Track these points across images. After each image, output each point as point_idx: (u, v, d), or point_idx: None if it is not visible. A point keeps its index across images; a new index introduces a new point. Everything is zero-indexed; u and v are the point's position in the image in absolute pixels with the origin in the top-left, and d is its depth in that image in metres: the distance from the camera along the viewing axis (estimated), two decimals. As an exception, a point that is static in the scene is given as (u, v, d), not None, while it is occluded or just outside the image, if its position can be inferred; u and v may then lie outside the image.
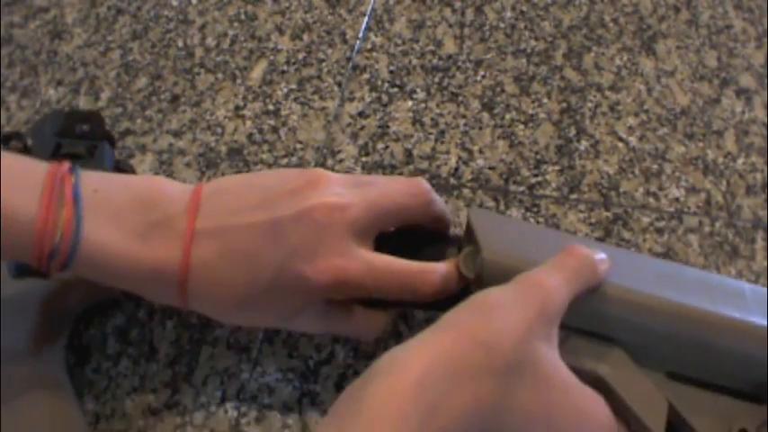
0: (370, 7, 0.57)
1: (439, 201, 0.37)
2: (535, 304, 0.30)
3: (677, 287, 0.35)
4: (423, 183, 0.36)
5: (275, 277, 0.34)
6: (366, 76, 0.53)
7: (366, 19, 0.56)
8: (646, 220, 0.45)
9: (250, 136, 0.51)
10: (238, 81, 0.54)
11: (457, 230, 0.37)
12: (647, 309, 0.34)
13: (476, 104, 0.51)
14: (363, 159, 0.49)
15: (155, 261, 0.34)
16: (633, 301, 0.34)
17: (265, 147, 0.50)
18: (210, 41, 0.57)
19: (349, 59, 0.54)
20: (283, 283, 0.34)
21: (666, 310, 0.34)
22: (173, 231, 0.34)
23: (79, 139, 0.41)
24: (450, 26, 0.55)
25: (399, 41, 0.54)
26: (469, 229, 0.36)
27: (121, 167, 0.44)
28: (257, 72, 0.54)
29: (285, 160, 0.50)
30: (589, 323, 0.34)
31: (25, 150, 0.43)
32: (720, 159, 0.48)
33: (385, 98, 0.52)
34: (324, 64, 0.54)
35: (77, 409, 0.40)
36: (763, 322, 0.34)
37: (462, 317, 0.29)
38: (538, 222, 0.45)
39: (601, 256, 0.33)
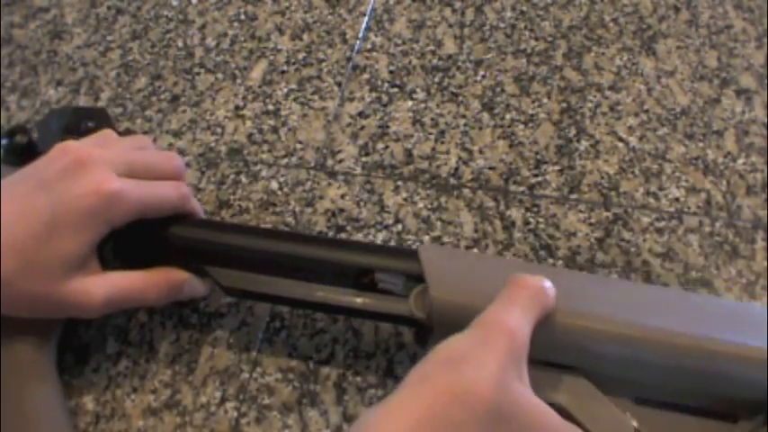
0: (370, 7, 0.57)
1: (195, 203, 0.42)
2: (502, 345, 0.29)
3: (635, 308, 0.34)
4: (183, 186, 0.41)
5: (50, 214, 0.35)
6: (366, 76, 0.53)
7: (366, 19, 0.56)
8: (646, 220, 0.45)
9: (250, 136, 0.51)
10: (238, 81, 0.54)
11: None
12: (603, 335, 0.33)
13: (476, 104, 0.51)
14: (363, 159, 0.49)
15: None
16: (588, 327, 0.33)
17: (265, 147, 0.50)
18: (210, 41, 0.57)
19: (349, 59, 0.54)
20: (59, 217, 0.35)
21: (624, 335, 0.33)
22: None
23: (85, 136, 0.41)
24: (451, 26, 0.55)
25: (399, 41, 0.54)
26: (420, 267, 0.36)
27: None
28: (257, 72, 0.54)
29: (285, 160, 0.50)
30: (547, 353, 0.34)
31: (30, 145, 0.42)
32: (720, 159, 0.48)
33: (385, 98, 0.52)
34: (324, 64, 0.54)
35: (64, 404, 0.40)
36: (727, 337, 0.34)
37: (432, 370, 0.28)
38: (538, 223, 0.45)
39: (546, 282, 0.33)
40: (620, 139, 0.49)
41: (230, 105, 0.53)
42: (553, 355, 0.34)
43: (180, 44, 0.57)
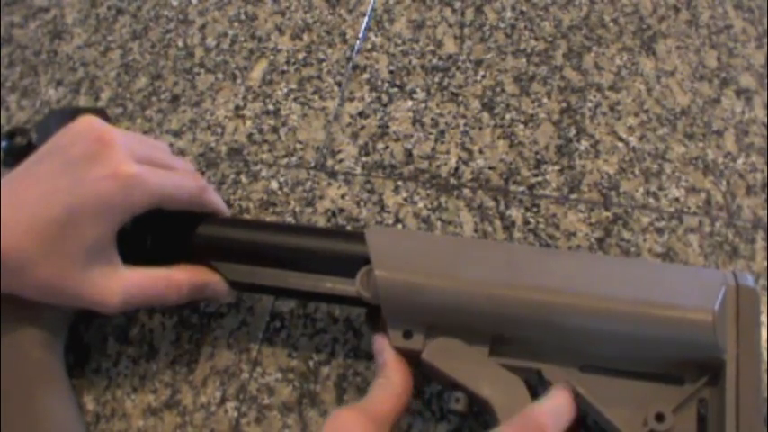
0: (370, 7, 0.57)
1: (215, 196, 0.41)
2: None
3: (577, 278, 0.35)
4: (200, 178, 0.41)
5: (70, 197, 0.35)
6: (366, 76, 0.53)
7: (366, 19, 0.56)
8: (646, 220, 0.45)
9: (250, 136, 0.51)
10: (238, 81, 0.54)
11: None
12: (545, 305, 0.34)
13: (476, 104, 0.51)
14: (363, 159, 0.49)
15: None
16: (531, 299, 0.34)
17: (265, 147, 0.50)
18: (210, 41, 0.57)
19: (349, 59, 0.54)
20: (80, 201, 0.35)
21: (566, 304, 0.34)
22: None
23: None
24: (450, 26, 0.55)
25: (399, 41, 0.54)
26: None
27: None
28: (257, 72, 0.54)
29: (285, 160, 0.50)
30: (492, 326, 0.35)
31: (30, 146, 0.42)
32: (720, 159, 0.48)
33: (385, 98, 0.52)
34: (324, 64, 0.54)
35: (75, 402, 0.40)
36: (670, 300, 0.34)
37: None
38: (538, 222, 0.46)
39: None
40: (620, 139, 0.49)
41: (230, 105, 0.53)
42: (489, 326, 0.35)
43: (180, 44, 0.57)
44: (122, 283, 0.37)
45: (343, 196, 0.48)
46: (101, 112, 0.45)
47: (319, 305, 0.44)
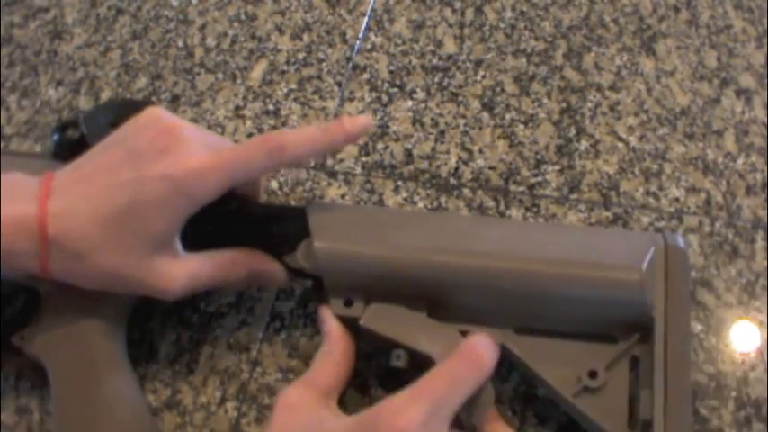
0: (370, 7, 0.57)
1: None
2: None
3: (507, 242, 0.36)
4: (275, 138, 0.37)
5: (135, 189, 0.35)
6: (366, 76, 0.53)
7: (366, 19, 0.56)
8: (646, 220, 0.45)
9: (250, 136, 0.51)
10: (238, 81, 0.54)
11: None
12: (475, 269, 0.35)
13: (476, 104, 0.51)
14: (363, 159, 0.49)
15: (12, 215, 0.34)
16: (463, 263, 0.35)
17: (265, 147, 0.50)
18: (210, 41, 0.57)
19: (349, 59, 0.54)
20: (145, 193, 0.35)
21: (497, 267, 0.35)
22: (28, 190, 0.35)
23: None
24: (451, 26, 0.55)
25: (399, 41, 0.54)
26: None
27: None
28: (257, 72, 0.54)
29: (285, 160, 0.50)
30: (427, 290, 0.36)
31: (82, 139, 0.42)
32: (720, 159, 0.48)
33: (385, 98, 0.52)
34: (324, 64, 0.54)
35: (139, 388, 0.40)
36: (599, 260, 0.35)
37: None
38: (538, 222, 0.46)
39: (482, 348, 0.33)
40: (620, 139, 0.49)
41: (230, 105, 0.53)
42: (424, 290, 0.36)
43: (180, 44, 0.57)
44: (185, 270, 0.37)
45: (343, 196, 0.48)
46: (149, 104, 0.44)
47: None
